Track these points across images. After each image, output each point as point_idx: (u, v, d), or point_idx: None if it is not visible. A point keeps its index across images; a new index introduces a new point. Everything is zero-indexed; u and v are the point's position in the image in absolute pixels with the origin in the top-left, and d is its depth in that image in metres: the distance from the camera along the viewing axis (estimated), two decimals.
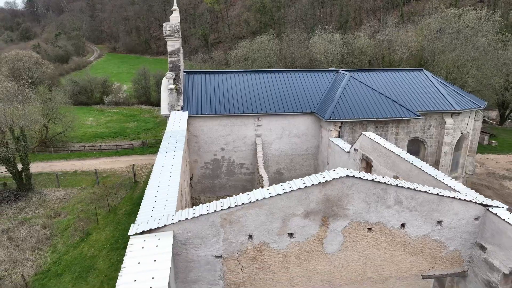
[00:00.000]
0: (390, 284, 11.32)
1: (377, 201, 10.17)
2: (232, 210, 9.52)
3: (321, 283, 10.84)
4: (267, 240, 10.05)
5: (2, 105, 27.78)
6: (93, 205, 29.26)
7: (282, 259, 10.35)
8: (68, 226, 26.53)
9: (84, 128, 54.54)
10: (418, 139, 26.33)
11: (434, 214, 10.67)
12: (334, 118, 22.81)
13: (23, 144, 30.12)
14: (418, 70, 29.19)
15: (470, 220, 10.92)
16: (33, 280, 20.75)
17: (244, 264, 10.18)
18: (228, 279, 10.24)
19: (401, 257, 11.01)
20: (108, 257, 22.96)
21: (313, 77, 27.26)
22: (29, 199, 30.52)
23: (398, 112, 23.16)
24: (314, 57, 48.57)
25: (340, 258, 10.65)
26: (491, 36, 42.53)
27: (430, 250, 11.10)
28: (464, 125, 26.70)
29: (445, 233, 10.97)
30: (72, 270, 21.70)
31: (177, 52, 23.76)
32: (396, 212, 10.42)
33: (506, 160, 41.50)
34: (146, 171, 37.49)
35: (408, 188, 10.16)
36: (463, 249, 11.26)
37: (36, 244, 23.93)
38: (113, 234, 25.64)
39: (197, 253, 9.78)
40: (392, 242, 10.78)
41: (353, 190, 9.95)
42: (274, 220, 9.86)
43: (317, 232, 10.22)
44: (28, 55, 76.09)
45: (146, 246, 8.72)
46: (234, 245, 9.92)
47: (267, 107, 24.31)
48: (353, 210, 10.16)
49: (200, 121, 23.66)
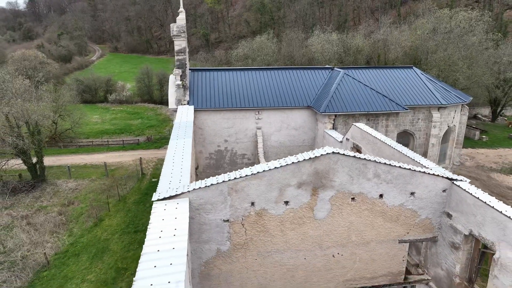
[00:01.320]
0: (371, 247, 13.27)
1: (358, 174, 12.12)
2: (237, 180, 11.48)
3: (312, 245, 12.79)
4: (267, 207, 12.01)
5: (20, 100, 29.70)
6: (104, 194, 31.22)
7: (279, 223, 12.31)
8: (81, 213, 28.51)
9: (90, 125, 56.46)
10: (408, 132, 28.27)
11: (408, 186, 12.62)
12: (329, 112, 24.76)
13: (38, 137, 32.09)
14: (409, 67, 31.13)
15: (438, 192, 12.87)
16: (53, 259, 22.74)
17: (247, 228, 12.14)
18: (234, 240, 12.20)
19: (380, 223, 12.97)
20: (120, 240, 24.93)
21: (309, 74, 29.20)
22: (44, 189, 32.49)
23: (387, 106, 25.11)
24: (312, 56, 50.53)
25: (328, 224, 12.61)
26: (481, 36, 44.42)
27: (405, 218, 13.06)
28: (450, 119, 28.64)
29: (418, 203, 12.93)
30: (88, 250, 23.68)
31: (183, 50, 25.70)
32: (375, 184, 12.37)
33: (495, 154, 43.45)
34: (152, 164, 39.46)
35: (384, 164, 12.11)
36: (434, 217, 13.22)
37: (54, 228, 25.91)
38: (124, 220, 27.62)
39: (208, 217, 11.74)
40: (372, 210, 12.73)
41: (338, 165, 11.90)
42: (272, 190, 11.81)
43: (309, 201, 12.18)
44: (34, 55, 77.99)
45: (167, 208, 10.68)
46: (239, 211, 11.87)
47: (267, 101, 26.26)
48: (339, 182, 12.11)
49: (205, 115, 25.61)
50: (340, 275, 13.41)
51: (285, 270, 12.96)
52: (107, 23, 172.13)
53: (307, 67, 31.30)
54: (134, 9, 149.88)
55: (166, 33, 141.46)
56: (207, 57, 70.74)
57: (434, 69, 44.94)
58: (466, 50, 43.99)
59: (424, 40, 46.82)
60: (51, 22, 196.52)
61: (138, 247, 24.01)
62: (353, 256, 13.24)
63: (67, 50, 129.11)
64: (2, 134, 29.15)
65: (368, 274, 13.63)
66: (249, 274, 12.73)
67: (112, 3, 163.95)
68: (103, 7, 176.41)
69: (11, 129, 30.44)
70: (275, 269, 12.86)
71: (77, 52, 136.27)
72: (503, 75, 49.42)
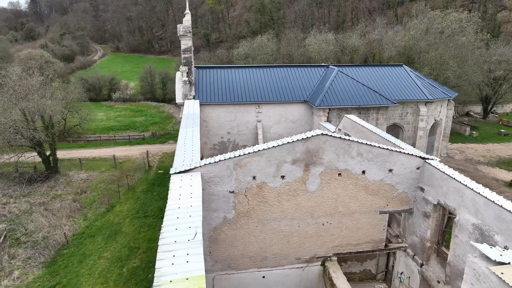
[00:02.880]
0: (356, 217, 15.44)
1: (344, 153, 14.29)
2: (241, 157, 13.64)
3: (305, 214, 14.96)
4: (266, 180, 14.17)
5: (37, 96, 31.82)
6: (114, 184, 33.33)
7: (276, 195, 14.47)
8: (94, 200, 30.66)
9: (96, 122, 58.54)
10: (397, 125, 30.44)
11: (386, 164, 14.78)
12: (324, 105, 26.93)
13: (52, 131, 34.23)
14: (399, 65, 33.30)
15: (413, 169, 15.04)
16: (72, 239, 24.89)
17: (249, 198, 14.30)
18: (238, 209, 14.36)
19: (363, 196, 15.13)
20: (131, 223, 27.07)
21: (306, 71, 31.37)
22: (57, 179, 34.63)
23: (377, 100, 27.28)
24: (310, 55, 52.70)
25: (318, 196, 14.77)
26: (471, 36, 46.59)
27: (385, 192, 15.22)
28: (437, 113, 30.80)
29: (395, 179, 15.09)
30: (103, 232, 25.83)
31: (189, 49, 27.86)
32: (358, 162, 14.54)
33: (483, 149, 45.62)
34: (158, 158, 41.61)
35: (366, 144, 14.28)
36: (409, 191, 15.38)
37: (70, 213, 28.05)
38: (133, 206, 29.76)
39: (217, 188, 13.90)
40: (356, 185, 14.90)
41: (327, 144, 14.07)
42: (270, 166, 13.97)
43: (301, 175, 14.34)
44: (40, 54, 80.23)
45: (183, 179, 12.83)
46: (243, 183, 14.03)
47: (266, 96, 28.43)
48: (327, 159, 14.27)
49: (209, 108, 27.77)
50: (329, 241, 15.58)
51: (282, 236, 15.12)
52: (109, 23, 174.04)
53: (304, 65, 33.48)
54: (135, 9, 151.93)
55: (167, 33, 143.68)
56: (210, 55, 72.92)
57: (426, 67, 47.07)
58: (456, 49, 46.15)
59: (417, 40, 48.97)
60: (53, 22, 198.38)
61: (148, 229, 26.20)
62: (340, 224, 15.41)
63: (70, 50, 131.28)
64: (21, 128, 31.21)
65: (354, 241, 15.80)
66: (251, 239, 14.90)
67: (114, 4, 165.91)
68: (104, 7, 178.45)
69: (27, 123, 32.54)
70: (273, 235, 15.02)
71: (79, 52, 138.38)
72: (493, 73, 51.58)
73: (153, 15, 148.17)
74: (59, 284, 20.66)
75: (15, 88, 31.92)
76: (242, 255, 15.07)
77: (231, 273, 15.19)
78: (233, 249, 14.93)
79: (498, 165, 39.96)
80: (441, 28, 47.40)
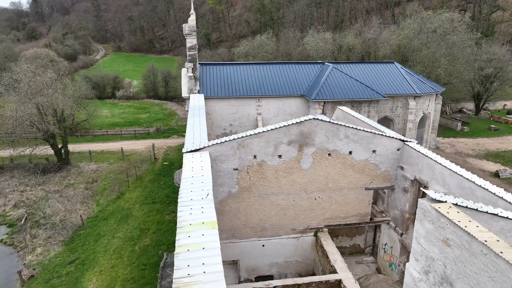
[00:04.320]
0: (344, 193, 17.58)
1: (333, 135, 16.42)
2: (244, 138, 15.77)
3: (299, 190, 17.09)
4: (265, 159, 16.30)
5: (51, 91, 33.93)
6: (122, 174, 35.48)
7: (274, 172, 16.60)
8: (105, 188, 32.81)
9: (102, 118, 60.63)
10: (388, 118, 32.57)
11: (370, 146, 16.92)
12: (319, 99, 29.07)
13: (64, 124, 36.37)
14: (390, 62, 35.44)
15: (394, 150, 17.18)
16: (86, 222, 27.04)
17: (251, 175, 16.43)
18: (241, 184, 16.50)
19: (350, 174, 17.27)
20: (141, 208, 29.21)
21: (303, 68, 33.51)
22: (69, 170, 36.77)
23: (369, 94, 29.42)
24: (307, 54, 54.84)
25: (311, 173, 16.90)
26: (461, 35, 48.73)
27: (369, 170, 17.36)
28: (425, 107, 32.95)
29: (378, 159, 17.23)
30: (115, 216, 27.98)
31: (194, 47, 29.98)
32: (345, 143, 16.67)
33: (473, 143, 47.77)
34: (163, 151, 43.74)
35: (352, 127, 16.41)
36: (391, 170, 17.52)
37: (83, 199, 30.20)
38: (142, 194, 31.90)
39: (223, 166, 16.03)
40: (344, 164, 17.03)
41: (318, 128, 16.20)
42: (269, 146, 16.10)
43: (296, 155, 16.48)
44: (45, 53, 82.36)
45: (194, 157, 14.95)
46: (245, 161, 16.17)
47: (266, 91, 30.56)
48: (318, 141, 16.40)
49: (213, 102, 29.90)
50: (320, 214, 17.72)
51: (279, 209, 17.26)
52: (110, 23, 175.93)
53: (301, 62, 35.62)
54: (137, 9, 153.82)
55: (168, 32, 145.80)
56: (212, 54, 75.06)
57: (419, 65, 49.19)
58: (448, 48, 48.28)
59: (410, 39, 51.10)
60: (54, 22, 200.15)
61: (157, 213, 28.34)
62: (330, 199, 17.55)
63: (72, 49, 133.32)
64: (36, 121, 33.32)
65: (342, 214, 17.95)
66: (252, 211, 17.04)
67: (115, 4, 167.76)
68: (106, 7, 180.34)
69: (40, 117, 34.64)
70: (271, 208, 17.16)
71: (81, 51, 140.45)
72: (483, 71, 53.74)
73: (154, 15, 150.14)
74: (78, 259, 22.80)
75: (30, 84, 34.03)
76: (245, 226, 17.21)
77: (235, 242, 17.33)
78: (237, 220, 17.06)
79: (485, 157, 42.12)
80: (433, 27, 49.53)
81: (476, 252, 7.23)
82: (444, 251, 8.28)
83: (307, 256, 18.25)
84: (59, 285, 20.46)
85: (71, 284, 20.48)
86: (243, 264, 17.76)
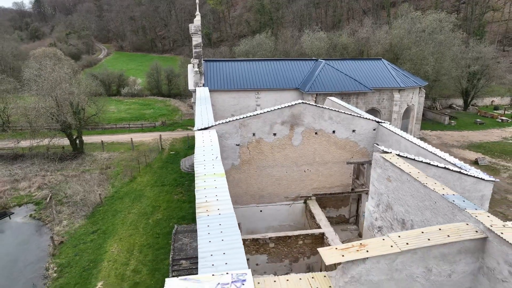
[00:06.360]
0: (329, 166, 20.86)
1: (319, 117, 19.69)
2: (245, 119, 19.05)
3: (291, 163, 20.37)
4: (263, 136, 19.58)
5: (68, 85, 37.24)
6: (133, 162, 38.76)
7: (270, 148, 19.88)
8: (118, 173, 36.09)
9: (109, 114, 63.88)
10: (375, 109, 35.83)
11: (350, 126, 20.19)
12: (312, 91, 32.35)
13: (79, 116, 39.65)
14: (378, 59, 38.72)
15: (370, 130, 20.46)
16: (104, 200, 30.32)
17: (250, 150, 19.71)
18: (242, 158, 19.78)
19: (334, 150, 20.55)
20: (152, 190, 32.50)
21: (298, 64, 36.79)
22: (83, 158, 40.07)
23: (357, 87, 32.71)
24: (304, 52, 58.13)
25: (301, 149, 20.18)
26: (448, 34, 52.03)
27: (350, 147, 20.64)
28: (409, 99, 36.23)
29: (357, 137, 20.50)
30: (129, 195, 31.27)
31: (199, 45, 33.26)
32: (330, 124, 19.95)
33: (458, 135, 51.08)
34: (169, 142, 47.00)
35: (334, 110, 19.69)
36: (368, 146, 20.79)
37: (99, 182, 33.48)
38: (152, 178, 35.18)
39: (227, 142, 19.31)
40: (328, 141, 20.31)
41: (306, 110, 19.48)
42: (266, 125, 19.38)
43: (288, 133, 19.75)
44: (53, 52, 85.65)
45: (204, 134, 18.21)
46: (245, 138, 19.44)
47: (264, 84, 33.84)
48: (306, 121, 19.68)
49: (216, 94, 33.17)
50: (309, 184, 21.00)
51: (274, 180, 20.54)
52: (113, 23, 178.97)
53: (297, 58, 38.91)
54: (139, 9, 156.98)
55: (169, 32, 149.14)
56: (214, 52, 78.39)
57: (408, 63, 52.49)
58: (435, 46, 51.56)
59: (400, 38, 54.39)
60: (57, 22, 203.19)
61: (166, 194, 31.62)
62: (317, 172, 20.83)
63: (76, 49, 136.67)
64: (56, 113, 36.62)
65: (328, 185, 21.23)
66: (251, 181, 20.32)
67: (118, 4, 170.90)
68: (108, 7, 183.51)
69: (58, 109, 37.91)
70: (268, 178, 20.44)
71: (85, 50, 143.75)
72: (470, 68, 57.05)
73: (156, 15, 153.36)
74: (99, 229, 26.09)
75: (50, 79, 37.32)
76: (245, 194, 20.49)
77: (237, 207, 20.56)
78: (238, 189, 20.33)
79: (468, 148, 45.41)
80: (421, 27, 52.82)
81: (404, 180, 10.46)
82: (387, 186, 11.51)
83: (298, 221, 21.53)
84: (85, 249, 23.75)
85: (95, 249, 23.77)
86: (244, 226, 21.03)
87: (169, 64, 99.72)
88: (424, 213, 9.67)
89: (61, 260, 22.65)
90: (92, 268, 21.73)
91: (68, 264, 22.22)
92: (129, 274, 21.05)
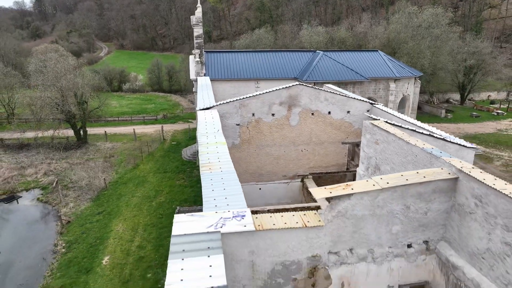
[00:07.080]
0: (325, 146, 21.85)
1: (315, 98, 20.69)
2: (245, 99, 20.05)
3: (289, 142, 21.36)
4: (262, 117, 20.57)
5: (72, 76, 38.24)
6: (136, 151, 39.77)
7: (269, 128, 20.87)
8: (121, 161, 37.10)
9: (111, 108, 64.93)
10: (371, 98, 36.79)
11: (345, 107, 21.19)
12: (310, 80, 33.35)
13: (83, 107, 40.66)
14: (374, 51, 39.73)
15: (364, 111, 21.44)
16: (109, 185, 31.32)
17: (250, 129, 20.70)
18: (242, 137, 20.77)
19: (330, 130, 21.54)
20: (154, 176, 33.51)
21: (297, 55, 37.79)
22: (87, 148, 41.08)
23: (353, 76, 33.71)
24: (302, 46, 59.11)
25: (298, 129, 21.17)
26: (444, 29, 53.05)
27: (345, 128, 21.63)
28: (404, 89, 37.23)
29: (352, 118, 21.50)
30: (132, 181, 32.27)
31: (200, 36, 34.27)
32: (325, 105, 20.94)
33: (454, 127, 52.04)
34: (170, 134, 48.01)
35: (329, 92, 20.69)
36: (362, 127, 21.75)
37: (103, 169, 34.49)
38: (154, 165, 36.19)
39: (228, 121, 20.30)
40: (325, 122, 21.30)
41: (303, 92, 20.47)
42: (264, 106, 20.37)
43: (286, 114, 20.75)
44: (55, 48, 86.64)
45: (206, 113, 19.20)
46: (245, 118, 20.43)
47: (264, 74, 34.84)
48: (303, 102, 20.67)
49: (217, 83, 34.15)
50: (306, 163, 22.00)
51: (272, 159, 21.53)
52: (113, 22, 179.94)
53: (296, 50, 39.90)
54: (139, 8, 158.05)
55: (170, 31, 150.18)
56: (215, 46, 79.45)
57: (405, 56, 53.51)
58: (432, 41, 52.58)
59: (398, 33, 55.42)
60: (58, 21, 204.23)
61: (168, 180, 32.62)
62: (314, 151, 21.82)
63: (77, 47, 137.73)
64: (61, 104, 37.62)
65: (324, 164, 22.23)
66: (251, 160, 21.31)
67: (118, 3, 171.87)
68: (109, 6, 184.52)
69: (63, 99, 38.91)
70: (266, 157, 21.44)
71: (86, 49, 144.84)
72: (466, 63, 58.07)
73: (156, 13, 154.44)
74: (105, 211, 27.11)
75: (55, 70, 38.33)
76: (245, 172, 21.47)
77: None
78: (238, 167, 21.27)
79: (463, 139, 46.23)
80: (418, 22, 53.84)
81: (390, 141, 11.46)
82: (375, 149, 12.52)
83: (295, 199, 22.52)
84: (92, 228, 24.76)
85: (101, 227, 24.77)
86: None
87: (170, 61, 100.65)
88: (407, 167, 10.67)
89: (69, 238, 23.66)
90: (98, 244, 22.73)
91: (75, 241, 23.23)
92: (134, 250, 22.06)
